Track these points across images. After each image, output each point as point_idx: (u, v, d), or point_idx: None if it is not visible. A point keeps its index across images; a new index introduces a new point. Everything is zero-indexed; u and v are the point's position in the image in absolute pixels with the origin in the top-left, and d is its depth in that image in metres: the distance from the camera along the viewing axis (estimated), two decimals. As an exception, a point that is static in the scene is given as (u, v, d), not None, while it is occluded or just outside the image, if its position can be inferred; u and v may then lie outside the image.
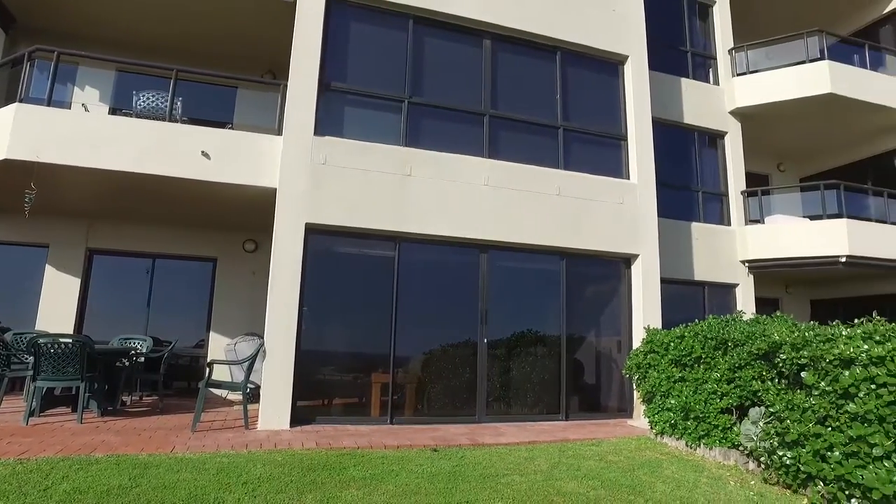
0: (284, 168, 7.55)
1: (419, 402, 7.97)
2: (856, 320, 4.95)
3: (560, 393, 8.50)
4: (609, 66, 9.90)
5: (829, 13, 13.76)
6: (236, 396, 8.43)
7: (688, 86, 11.87)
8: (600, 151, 9.57)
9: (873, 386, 4.15)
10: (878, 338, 4.28)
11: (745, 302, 11.59)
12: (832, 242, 11.17)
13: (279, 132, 7.87)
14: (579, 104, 9.53)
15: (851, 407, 4.31)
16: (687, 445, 6.54)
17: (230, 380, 8.14)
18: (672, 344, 6.96)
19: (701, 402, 6.34)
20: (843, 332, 4.63)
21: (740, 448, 5.87)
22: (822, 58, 11.84)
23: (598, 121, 9.63)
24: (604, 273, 9.31)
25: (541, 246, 8.61)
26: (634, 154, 9.51)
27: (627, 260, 9.25)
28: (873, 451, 4.05)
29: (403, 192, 7.95)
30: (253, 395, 7.30)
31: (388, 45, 8.58)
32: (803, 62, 12.02)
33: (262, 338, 7.20)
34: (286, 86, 7.85)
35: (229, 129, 8.26)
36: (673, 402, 6.69)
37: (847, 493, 4.39)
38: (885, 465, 3.97)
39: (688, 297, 11.24)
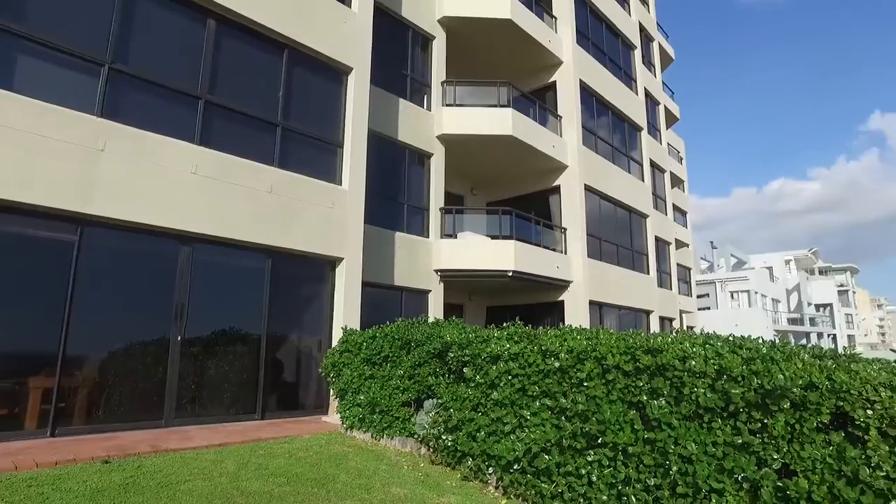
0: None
1: (94, 408, 6.96)
2: (505, 324, 6.08)
3: (258, 392, 8.38)
4: (334, 74, 10.21)
5: (517, 71, 16.51)
6: None
7: (405, 107, 12.94)
8: (316, 155, 9.77)
9: (510, 377, 5.19)
10: (516, 338, 5.36)
11: (436, 307, 13.07)
12: (504, 259, 13.40)
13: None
14: (301, 106, 9.60)
15: (495, 395, 5.30)
16: (372, 437, 7.12)
17: None
18: (365, 344, 7.52)
19: (386, 396, 6.98)
20: (495, 334, 5.66)
21: (416, 436, 6.64)
22: (508, 105, 14.19)
23: (318, 125, 9.83)
24: (309, 274, 9.52)
25: (248, 243, 8.38)
26: (349, 162, 9.96)
27: (333, 263, 9.63)
28: (505, 428, 5.05)
29: (94, 169, 6.90)
30: None
31: (89, -5, 7.39)
32: (495, 106, 14.23)
33: None
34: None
35: None
36: (363, 397, 7.21)
37: (487, 464, 5.36)
38: (511, 439, 4.99)
39: (388, 301, 12.18)
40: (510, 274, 13.30)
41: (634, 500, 4.26)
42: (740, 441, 3.87)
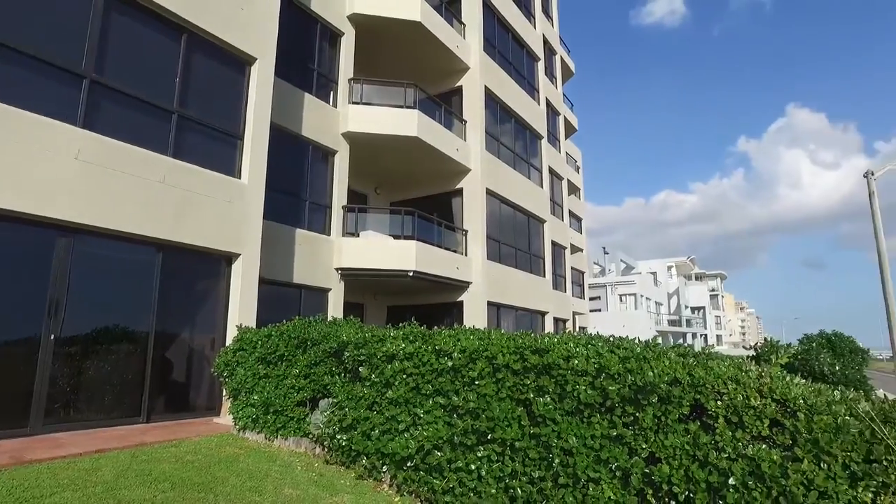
0: None
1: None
2: (401, 324, 6.20)
3: (144, 394, 7.92)
4: (236, 63, 9.84)
5: (425, 74, 16.72)
6: None
7: (311, 102, 12.72)
8: (215, 146, 9.38)
9: (405, 376, 5.33)
10: (411, 338, 5.51)
11: (336, 305, 12.98)
12: (405, 259, 13.55)
13: None
14: (200, 94, 9.17)
15: (390, 393, 5.42)
16: (266, 438, 6.99)
17: None
18: (260, 342, 7.36)
19: (281, 396, 6.88)
20: (391, 334, 5.77)
21: (311, 436, 6.60)
22: (414, 107, 14.35)
23: (217, 115, 9.44)
24: (204, 270, 9.14)
25: (137, 235, 7.88)
26: (249, 155, 9.66)
27: (230, 258, 9.30)
28: (400, 426, 5.18)
29: (-50, 149, 6.23)
30: None
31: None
32: (401, 106, 14.34)
33: None
34: None
35: None
36: (256, 397, 7.06)
37: (381, 462, 5.46)
38: (405, 437, 5.13)
39: (286, 299, 11.93)
40: (411, 274, 13.47)
41: (520, 492, 4.53)
42: (615, 433, 4.23)
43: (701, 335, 62.88)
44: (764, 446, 3.73)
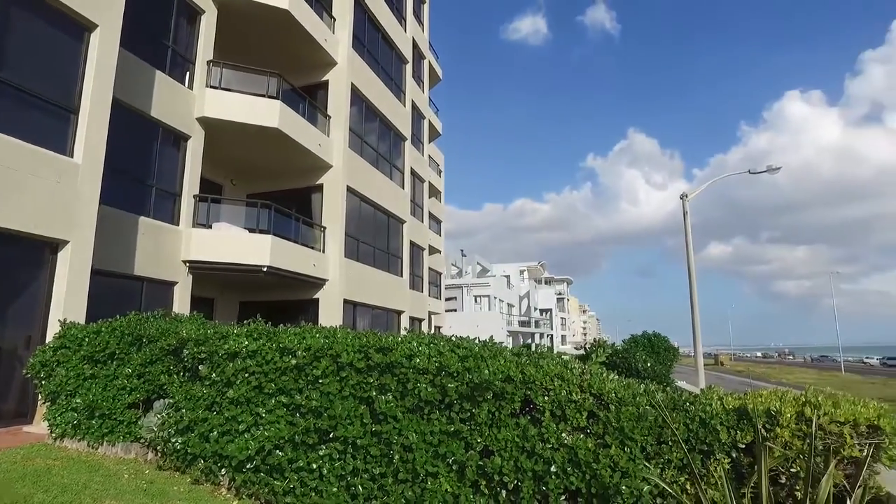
0: None
1: None
2: (247, 321, 6.00)
3: (-69, 398, 6.85)
4: (73, 27, 8.82)
5: (291, 65, 16.22)
6: None
7: (163, 81, 11.80)
8: (43, 119, 8.37)
9: (247, 374, 5.19)
10: (255, 335, 5.37)
11: (183, 300, 12.17)
12: (259, 253, 13.08)
13: None
14: (24, 59, 8.14)
15: (231, 393, 5.24)
16: (89, 446, 6.37)
17: None
18: (87, 339, 6.69)
19: (109, 398, 6.33)
20: (235, 331, 5.57)
21: (142, 441, 6.14)
22: (277, 97, 13.89)
23: (48, 85, 8.43)
24: (22, 257, 8.09)
25: (-67, 214, 6.82)
26: (84, 132, 8.73)
27: (55, 245, 8.33)
28: (240, 427, 5.04)
29: None
30: None
31: None
32: (263, 96, 13.80)
33: None
34: None
35: None
36: (79, 400, 6.42)
37: (220, 465, 5.26)
38: (245, 437, 5.00)
39: (126, 292, 10.99)
40: (265, 269, 13.03)
41: (361, 489, 4.62)
42: (453, 429, 4.48)
43: (547, 335, 67.42)
44: (582, 436, 4.19)
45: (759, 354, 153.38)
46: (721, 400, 4.10)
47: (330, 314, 15.35)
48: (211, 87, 13.13)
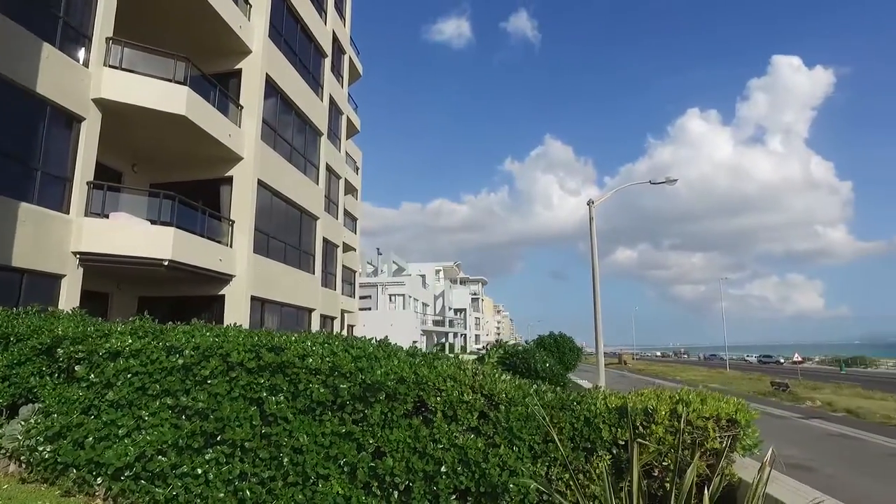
0: None
1: None
2: (129, 317, 5.61)
3: None
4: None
5: (202, 50, 15.44)
6: None
7: (52, 55, 10.86)
8: None
9: (130, 375, 4.85)
10: (140, 333, 5.04)
11: (72, 294, 11.31)
12: (161, 246, 12.35)
13: None
14: None
15: (111, 395, 4.88)
16: (-62, 458, 5.71)
17: None
18: (-61, 338, 5.99)
19: (-35, 403, 5.71)
20: (118, 329, 5.20)
21: (2, 451, 5.57)
22: (185, 83, 13.18)
23: None
24: None
25: None
26: (-48, 107, 7.90)
27: (-87, 232, 7.48)
28: (120, 431, 4.69)
29: None
30: None
31: None
32: (170, 81, 13.05)
33: None
34: None
35: None
36: (-70, 405, 5.76)
37: (95, 473, 4.87)
38: (125, 443, 4.66)
39: (1, 285, 10.05)
40: (166, 263, 12.33)
41: (249, 493, 4.43)
42: (345, 430, 4.39)
43: (461, 335, 68.30)
44: (472, 436, 4.22)
45: (658, 353, 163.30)
46: (605, 399, 4.26)
47: (236, 311, 14.75)
48: (111, 66, 12.25)
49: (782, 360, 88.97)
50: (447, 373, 4.39)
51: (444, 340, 58.43)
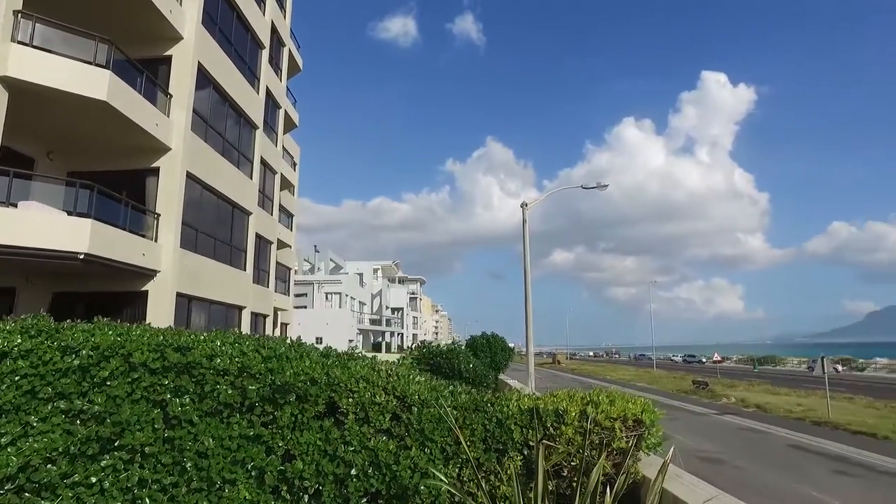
0: None
1: None
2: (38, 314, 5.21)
3: None
4: None
5: (129, 33, 14.62)
6: None
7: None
8: None
9: (17, 377, 4.51)
10: (33, 332, 4.70)
11: (-30, 288, 10.50)
12: (77, 239, 11.65)
13: None
14: None
15: (-5, 399, 4.51)
16: None
17: None
18: None
19: None
20: (8, 327, 4.83)
21: None
22: (107, 67, 12.48)
23: None
24: None
25: None
26: None
27: None
28: (3, 440, 4.35)
29: None
30: None
31: None
32: (91, 63, 12.33)
33: None
34: None
35: None
36: None
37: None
38: (7, 452, 4.32)
39: None
40: (82, 257, 11.64)
41: (149, 501, 4.22)
42: (253, 433, 4.25)
43: (398, 334, 68.13)
44: (384, 438, 4.18)
45: (591, 353, 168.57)
46: (518, 401, 4.32)
47: (161, 308, 14.11)
48: (20, 42, 11.45)
49: (704, 360, 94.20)
50: (360, 374, 4.33)
51: (380, 339, 58.06)
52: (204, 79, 16.41)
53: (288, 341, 4.83)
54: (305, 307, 46.40)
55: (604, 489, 3.85)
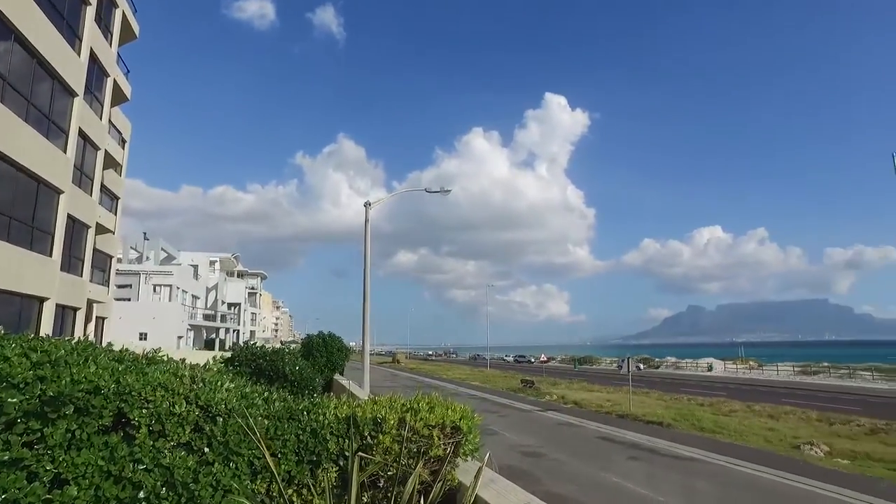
0: None
1: None
2: None
3: None
4: None
5: None
6: None
7: None
8: None
9: None
10: None
11: None
12: None
13: None
14: None
15: None
16: None
17: None
18: None
19: None
20: None
21: None
22: None
23: None
24: None
25: None
26: None
27: None
28: None
29: None
30: None
31: None
32: None
33: None
34: None
35: None
36: None
37: None
38: None
39: None
40: None
41: None
42: (9, 458, 3.56)
43: (234, 331, 64.40)
44: (183, 453, 3.81)
45: (430, 353, 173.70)
46: (335, 409, 4.22)
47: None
48: None
49: (533, 360, 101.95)
50: (158, 381, 3.92)
51: (213, 336, 54.29)
52: (4, 28, 14.05)
53: (73, 342, 4.25)
54: (129, 300, 41.83)
55: (419, 498, 3.90)
